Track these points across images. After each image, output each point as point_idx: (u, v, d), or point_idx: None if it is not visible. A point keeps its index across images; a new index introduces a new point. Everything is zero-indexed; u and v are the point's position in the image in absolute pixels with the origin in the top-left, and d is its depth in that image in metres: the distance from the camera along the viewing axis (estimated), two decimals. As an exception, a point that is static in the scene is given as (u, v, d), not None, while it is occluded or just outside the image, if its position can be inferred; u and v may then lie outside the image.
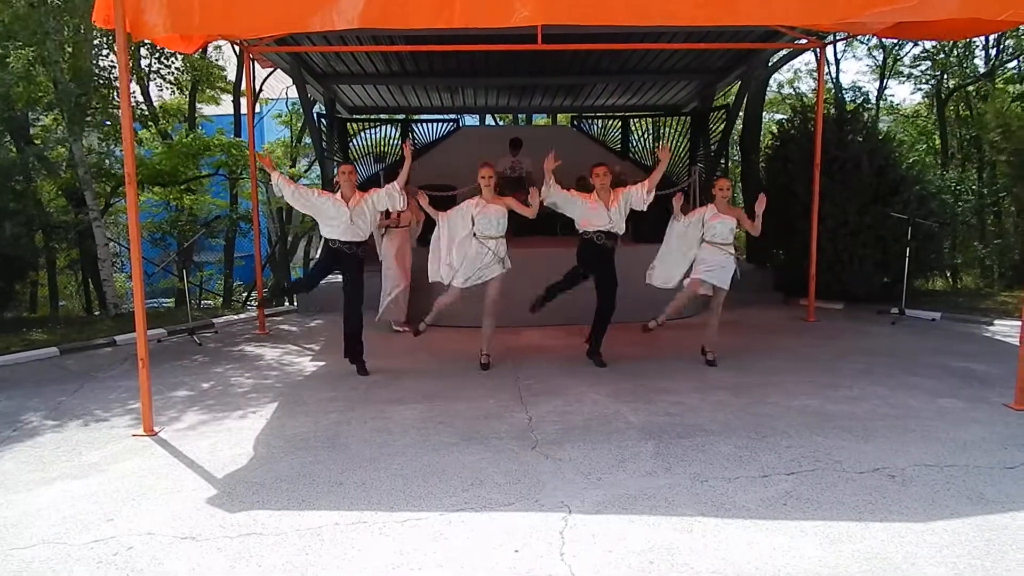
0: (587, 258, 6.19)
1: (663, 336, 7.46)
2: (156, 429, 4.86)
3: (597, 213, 6.06)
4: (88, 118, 9.59)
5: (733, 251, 6.21)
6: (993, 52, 16.24)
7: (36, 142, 11.28)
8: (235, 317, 9.42)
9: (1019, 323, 5.36)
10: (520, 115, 19.41)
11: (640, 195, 6.07)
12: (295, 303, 10.29)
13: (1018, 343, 5.09)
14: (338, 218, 5.90)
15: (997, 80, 15.78)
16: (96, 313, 12.12)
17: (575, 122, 14.54)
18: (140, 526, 3.47)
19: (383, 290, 7.80)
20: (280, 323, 8.97)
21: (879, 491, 3.70)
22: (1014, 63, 15.85)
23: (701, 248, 6.20)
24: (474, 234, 6.02)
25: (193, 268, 17.36)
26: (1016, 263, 12.16)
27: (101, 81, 9.83)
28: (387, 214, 7.35)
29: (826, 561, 3.04)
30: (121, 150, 9.06)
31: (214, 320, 8.95)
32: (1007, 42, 15.29)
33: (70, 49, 9.31)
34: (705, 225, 6.18)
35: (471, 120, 19.47)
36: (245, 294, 18.86)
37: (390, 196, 6.00)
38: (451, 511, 3.55)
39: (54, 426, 5.04)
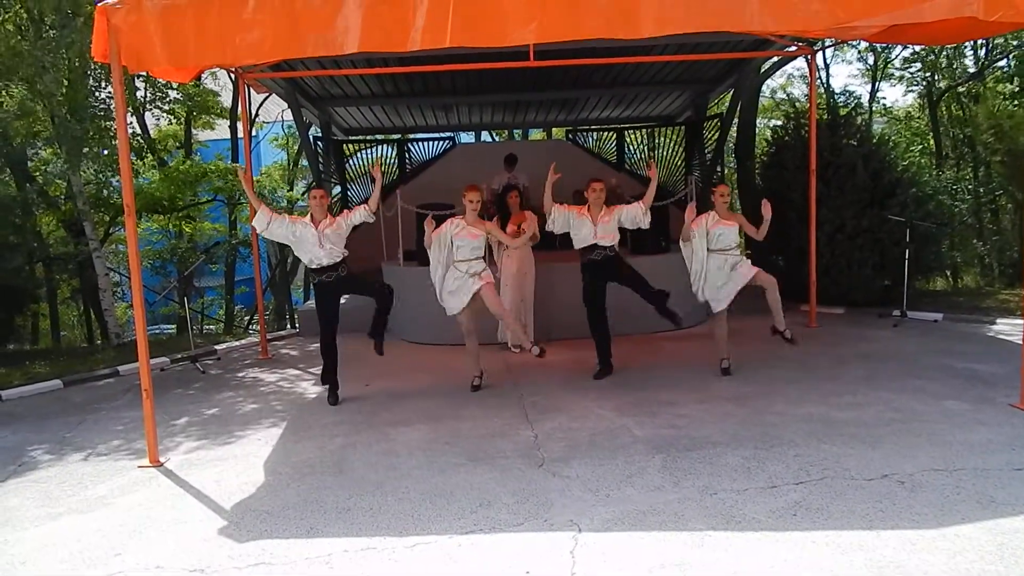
0: (591, 277, 6.22)
1: (664, 347, 7.47)
2: (162, 460, 4.85)
3: (585, 228, 6.09)
4: (86, 150, 9.64)
5: (738, 254, 6.17)
6: (982, 53, 16.34)
7: (36, 175, 11.33)
8: (237, 343, 9.43)
9: (1021, 321, 5.36)
10: (516, 131, 19.52)
11: (637, 214, 6.09)
12: (297, 326, 10.30)
13: (1021, 342, 5.09)
14: (309, 240, 5.80)
15: (987, 80, 15.87)
16: (98, 343, 12.12)
17: (570, 136, 14.61)
18: (149, 559, 3.45)
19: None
20: (282, 347, 8.98)
21: (889, 498, 3.68)
22: (1003, 62, 15.94)
23: (708, 259, 6.12)
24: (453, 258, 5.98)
25: (194, 295, 17.40)
26: (1015, 260, 12.18)
27: (99, 113, 9.88)
28: (503, 228, 7.00)
29: (838, 572, 3.02)
30: (119, 179, 9.11)
31: (216, 346, 8.95)
32: (996, 41, 15.39)
33: (67, 83, 9.36)
34: (709, 233, 6.13)
35: (467, 137, 19.55)
36: (247, 319, 18.89)
37: (362, 215, 5.94)
38: (460, 534, 3.54)
39: (59, 460, 5.03)
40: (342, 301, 6.13)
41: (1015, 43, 14.71)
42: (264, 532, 3.67)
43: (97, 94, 10.01)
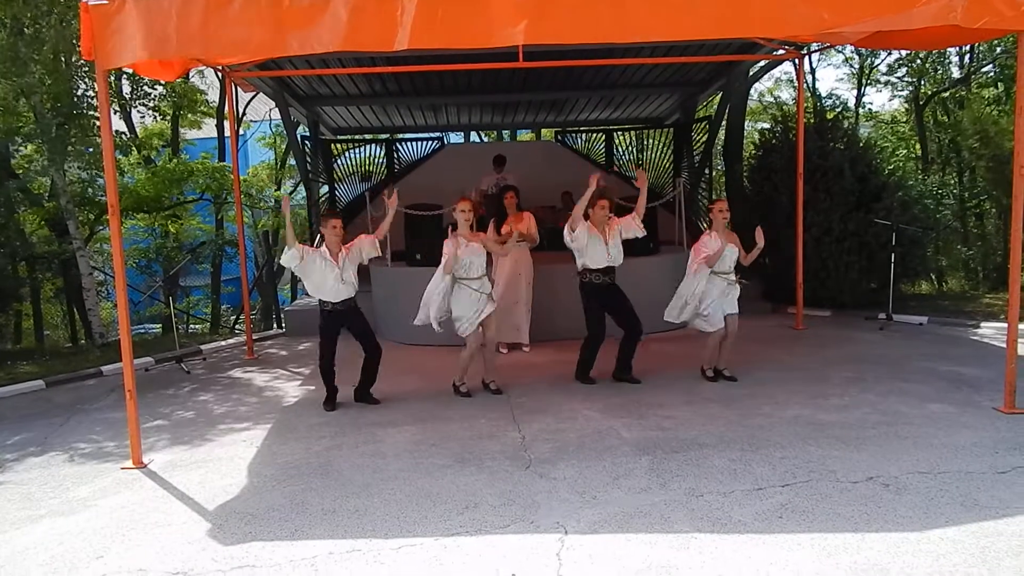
0: (595, 299, 6.07)
1: (652, 350, 7.47)
2: (145, 461, 4.80)
3: (598, 250, 5.95)
4: (69, 147, 9.53)
5: (734, 278, 6.08)
6: (967, 59, 16.49)
7: (18, 172, 11.20)
8: (223, 343, 9.36)
9: (1005, 325, 5.40)
10: (504, 131, 19.53)
11: (630, 225, 6.03)
12: (283, 326, 10.24)
13: (1005, 346, 5.13)
14: (329, 278, 5.58)
15: (972, 85, 16.01)
16: (82, 343, 12.00)
17: (559, 137, 14.62)
18: (131, 563, 3.42)
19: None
20: (268, 347, 8.92)
21: (874, 500, 3.70)
22: (988, 68, 16.10)
23: (709, 282, 5.96)
24: (456, 277, 5.80)
25: (180, 294, 17.28)
26: (999, 265, 12.29)
27: (81, 110, 9.78)
28: (498, 229, 7.03)
29: (823, 574, 3.03)
30: (103, 177, 9.03)
31: (202, 346, 8.88)
32: (980, 48, 15.54)
33: (48, 80, 9.26)
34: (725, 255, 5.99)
35: (455, 138, 19.53)
36: (233, 318, 18.78)
37: (371, 248, 5.76)
38: (446, 536, 3.52)
39: (41, 461, 4.97)
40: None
41: (999, 49, 14.85)
42: (249, 534, 3.64)
43: (80, 91, 9.90)
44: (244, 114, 18.27)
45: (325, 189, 13.01)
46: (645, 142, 13.93)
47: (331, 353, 5.81)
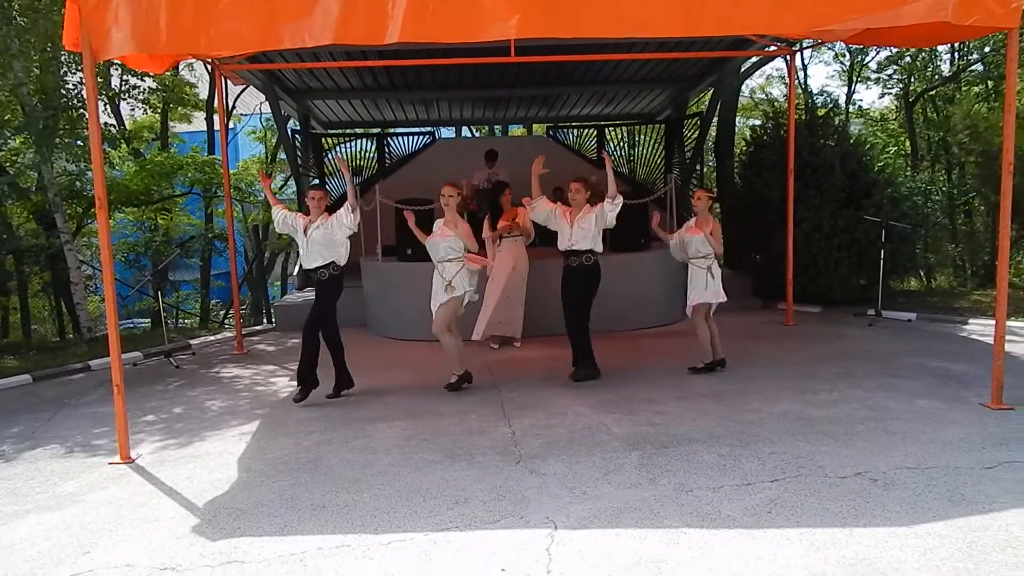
0: (574, 287, 6.10)
1: (643, 344, 7.49)
2: (133, 456, 4.77)
3: (563, 230, 5.99)
4: (57, 140, 9.44)
5: (711, 262, 6.15)
6: (957, 56, 16.56)
7: (5, 166, 11.09)
8: (212, 337, 9.31)
9: (992, 322, 5.44)
10: (496, 126, 19.50)
11: (610, 208, 5.86)
12: (273, 322, 10.20)
13: (992, 342, 5.16)
14: (300, 242, 5.78)
15: (962, 82, 16.08)
16: (70, 337, 11.91)
17: (551, 132, 14.59)
18: (118, 558, 3.39)
19: (483, 306, 7.34)
20: (258, 343, 8.88)
21: (862, 495, 3.72)
22: (977, 65, 16.17)
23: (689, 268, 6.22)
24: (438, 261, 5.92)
25: (169, 289, 17.17)
26: (987, 262, 12.37)
27: (70, 102, 9.69)
28: (494, 225, 7.07)
29: (812, 569, 3.04)
30: (92, 170, 8.95)
31: (191, 341, 8.84)
32: (971, 44, 15.61)
33: (37, 71, 9.17)
34: (684, 242, 6.22)
35: (447, 132, 19.48)
36: (223, 313, 18.71)
37: (341, 219, 5.65)
38: (436, 531, 3.51)
39: (28, 456, 4.94)
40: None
41: (988, 48, 14.92)
42: (237, 530, 3.62)
43: (68, 83, 9.80)
44: (234, 108, 18.14)
45: (316, 183, 12.95)
46: (636, 138, 13.93)
47: (315, 323, 5.81)
